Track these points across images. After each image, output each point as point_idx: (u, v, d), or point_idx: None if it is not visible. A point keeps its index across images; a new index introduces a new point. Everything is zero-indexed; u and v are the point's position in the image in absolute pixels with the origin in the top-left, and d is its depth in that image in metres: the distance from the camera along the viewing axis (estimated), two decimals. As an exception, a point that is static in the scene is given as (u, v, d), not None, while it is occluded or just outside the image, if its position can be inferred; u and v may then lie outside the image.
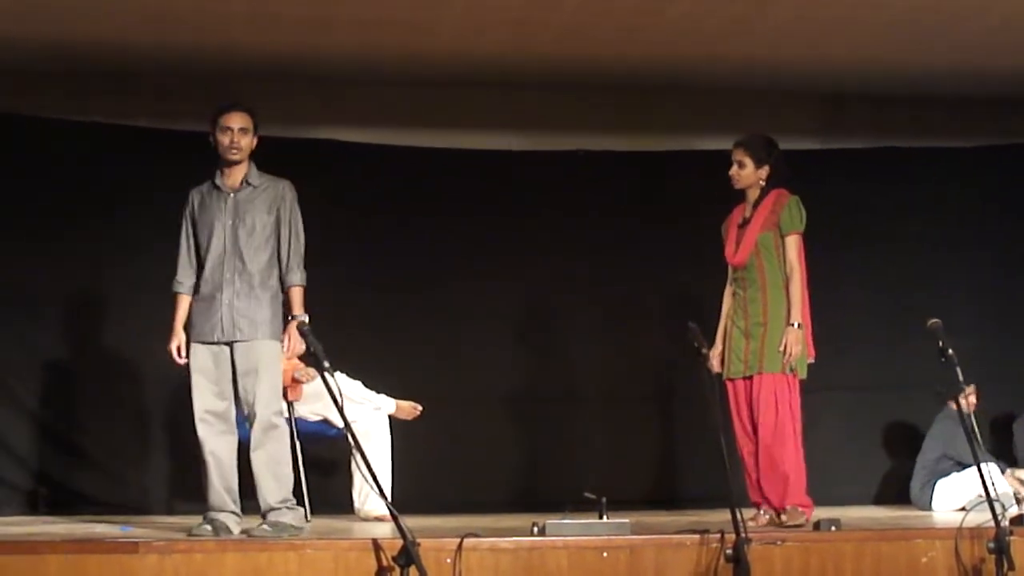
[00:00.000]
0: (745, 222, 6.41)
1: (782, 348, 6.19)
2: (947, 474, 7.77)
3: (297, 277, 5.94)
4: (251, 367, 5.84)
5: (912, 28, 7.56)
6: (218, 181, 5.96)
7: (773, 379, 6.21)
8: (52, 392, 7.90)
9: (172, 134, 8.04)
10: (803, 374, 6.27)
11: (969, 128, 8.93)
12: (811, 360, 6.31)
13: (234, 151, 5.92)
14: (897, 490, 8.40)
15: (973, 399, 7.47)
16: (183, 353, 5.89)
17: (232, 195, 5.93)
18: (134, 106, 8.11)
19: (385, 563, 5.06)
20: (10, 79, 7.84)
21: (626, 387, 8.51)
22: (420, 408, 7.27)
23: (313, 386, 6.96)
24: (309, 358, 5.51)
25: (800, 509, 6.12)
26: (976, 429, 5.81)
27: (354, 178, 8.38)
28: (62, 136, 7.98)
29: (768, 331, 6.24)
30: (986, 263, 8.87)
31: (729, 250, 6.44)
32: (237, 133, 5.92)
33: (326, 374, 5.22)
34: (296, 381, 7.01)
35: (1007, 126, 8.94)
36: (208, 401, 5.83)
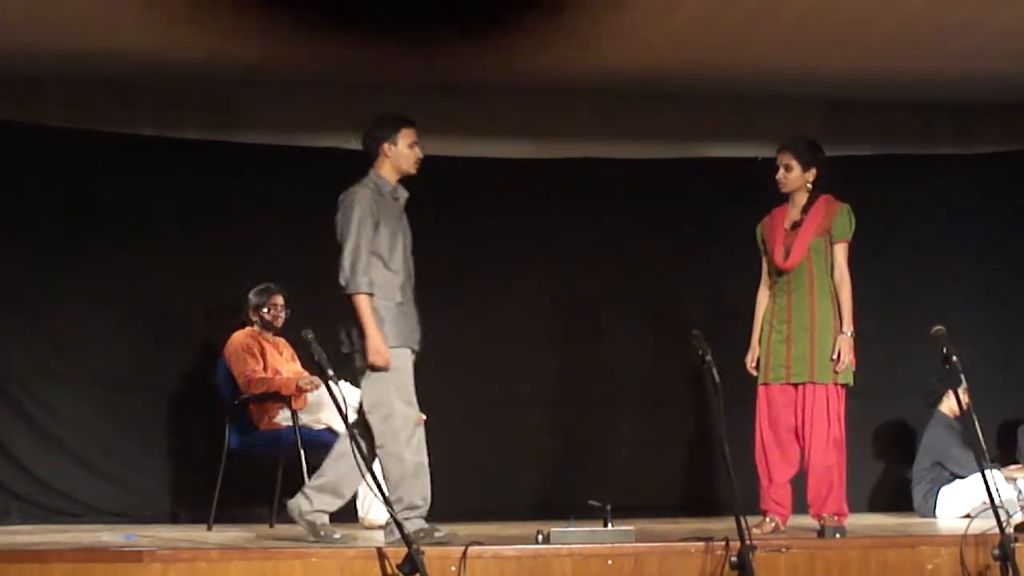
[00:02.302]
0: (795, 225, 6.30)
1: (835, 356, 6.15)
2: (949, 481, 7.74)
3: None
4: None
5: (915, 37, 7.56)
6: (398, 191, 5.88)
7: (825, 390, 6.18)
8: (55, 400, 7.87)
9: (174, 141, 8.06)
10: (851, 381, 6.25)
11: (972, 134, 8.93)
12: (853, 367, 6.28)
13: (418, 164, 5.90)
14: (892, 496, 8.42)
15: (965, 398, 7.39)
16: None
17: (401, 208, 5.90)
18: (136, 114, 8.12)
19: (390, 571, 5.06)
20: (10, 87, 7.85)
21: (638, 394, 8.47)
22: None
23: (317, 395, 6.97)
24: (313, 367, 5.52)
25: (837, 517, 6.11)
26: (979, 432, 5.77)
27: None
28: (64, 144, 7.96)
29: (817, 339, 6.18)
30: (989, 269, 8.85)
31: (778, 254, 6.29)
32: None
33: (330, 382, 5.23)
34: (300, 390, 7.01)
35: (1009, 132, 8.94)
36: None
